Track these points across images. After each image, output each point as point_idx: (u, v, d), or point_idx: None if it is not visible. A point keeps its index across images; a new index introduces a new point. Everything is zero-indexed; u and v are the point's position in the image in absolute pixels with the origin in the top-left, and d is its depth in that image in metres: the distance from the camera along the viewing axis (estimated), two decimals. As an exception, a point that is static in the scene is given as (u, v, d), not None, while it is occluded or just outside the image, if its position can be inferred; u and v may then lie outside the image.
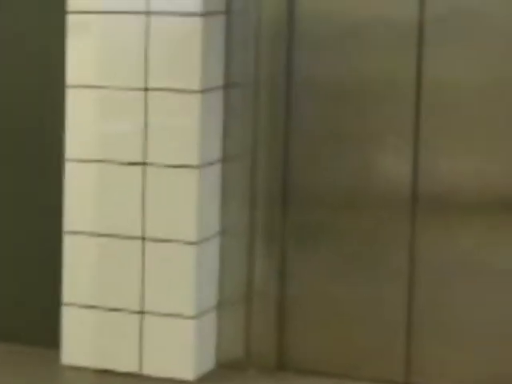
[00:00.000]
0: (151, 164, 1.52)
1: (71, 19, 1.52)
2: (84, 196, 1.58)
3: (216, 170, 1.57)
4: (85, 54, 1.53)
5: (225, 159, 1.58)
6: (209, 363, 1.63)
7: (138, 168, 1.54)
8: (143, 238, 1.54)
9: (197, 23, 1.49)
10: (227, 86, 1.56)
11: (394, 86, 1.51)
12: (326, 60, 1.53)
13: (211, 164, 1.56)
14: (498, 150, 1.46)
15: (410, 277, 1.49)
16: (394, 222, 1.50)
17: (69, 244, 1.60)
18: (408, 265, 1.49)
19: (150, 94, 1.51)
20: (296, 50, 1.53)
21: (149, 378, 1.57)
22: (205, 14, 1.50)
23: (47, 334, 1.72)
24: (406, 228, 1.49)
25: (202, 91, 1.50)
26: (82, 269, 1.58)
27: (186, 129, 1.50)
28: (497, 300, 1.45)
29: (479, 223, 1.48)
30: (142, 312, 1.55)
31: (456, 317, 1.49)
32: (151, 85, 1.51)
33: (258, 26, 1.51)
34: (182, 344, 1.54)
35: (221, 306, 1.60)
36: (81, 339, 1.61)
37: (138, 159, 1.53)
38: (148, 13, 1.50)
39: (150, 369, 1.56)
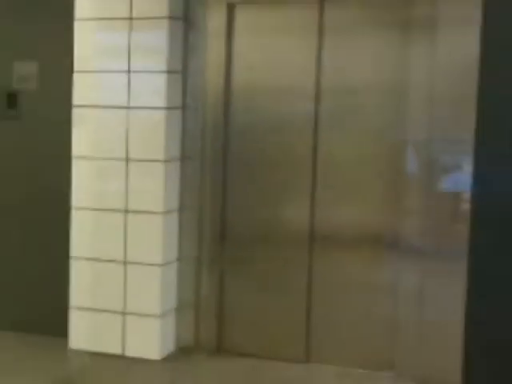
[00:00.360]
0: (130, 211, 2.20)
1: (75, 112, 2.22)
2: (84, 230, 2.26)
3: (174, 216, 2.29)
4: (84, 135, 2.22)
5: (181, 209, 2.30)
6: (170, 348, 2.32)
7: (121, 214, 2.21)
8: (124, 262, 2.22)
9: (162, 114, 2.16)
10: (183, 158, 2.28)
11: (299, 157, 2.19)
12: (251, 140, 2.23)
13: (171, 212, 2.26)
14: (368, 203, 2.13)
15: (308, 291, 2.20)
16: (297, 253, 2.21)
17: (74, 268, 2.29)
18: (307, 283, 2.18)
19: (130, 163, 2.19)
20: (230, 134, 2.27)
21: (128, 358, 2.23)
22: (168, 108, 2.17)
23: (57, 325, 2.40)
24: (306, 257, 2.19)
25: (165, 161, 2.16)
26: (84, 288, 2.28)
27: (153, 186, 2.18)
28: (370, 306, 2.12)
29: (358, 253, 2.15)
30: (124, 313, 2.22)
31: (343, 317, 2.17)
32: (130, 156, 2.19)
33: (203, 117, 2.24)
34: (150, 334, 2.22)
35: (179, 308, 2.32)
36: (82, 331, 2.30)
37: (121, 207, 2.21)
38: (128, 107, 2.17)
39: (130, 351, 2.24)
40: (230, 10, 2.26)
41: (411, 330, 2.02)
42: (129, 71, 2.19)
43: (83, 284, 2.29)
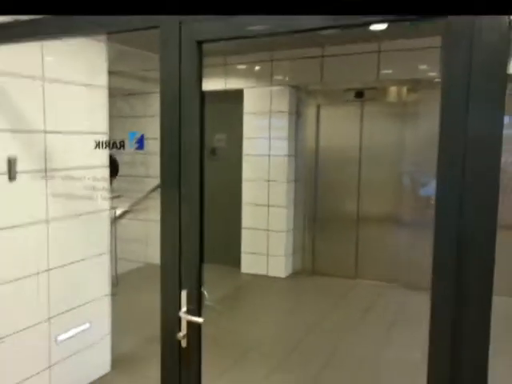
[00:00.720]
0: (270, 205, 5.10)
1: (244, 157, 4.93)
2: (248, 216, 5.41)
3: (291, 208, 4.84)
4: (247, 168, 5.23)
5: (294, 204, 4.85)
6: (289, 271, 4.85)
7: (265, 207, 5.23)
8: (267, 230, 5.28)
9: (286, 158, 4.70)
10: (295, 180, 4.79)
11: (351, 177, 4.67)
12: (327, 171, 4.79)
13: (289, 206, 4.82)
14: (385, 201, 4.67)
15: (356, 244, 4.80)
16: (351, 225, 4.66)
17: (243, 234, 5.12)
18: (356, 239, 4.70)
19: (270, 182, 5.25)
20: (318, 168, 4.82)
21: (270, 276, 4.79)
22: (288, 155, 4.71)
23: (236, 260, 5.02)
24: (355, 227, 4.67)
25: (287, 182, 4.83)
26: (248, 243, 5.26)
27: (281, 194, 5.02)
28: (387, 246, 4.62)
29: (380, 224, 4.69)
30: (267, 254, 4.91)
31: (374, 253, 4.78)
32: (270, 178, 5.27)
33: (304, 160, 4.84)
34: (280, 264, 4.84)
35: (293, 251, 4.87)
36: (246, 263, 4.94)
37: (265, 203, 5.26)
38: (269, 155, 4.92)
39: (270, 273, 4.77)
40: (318, 108, 4.80)
41: (410, 254, 4.28)
42: (269, 138, 4.71)
43: (247, 242, 4.87)
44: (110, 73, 2.80)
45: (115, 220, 3.90)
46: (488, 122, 1.10)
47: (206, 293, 1.56)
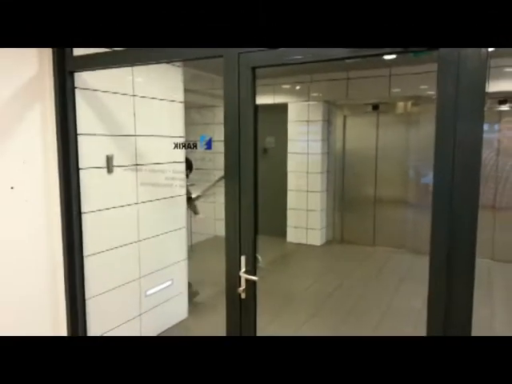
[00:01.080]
0: (308, 191, 5.68)
1: (289, 155, 5.82)
2: (292, 200, 5.84)
3: (324, 193, 5.94)
4: (291, 163, 5.76)
5: (327, 190, 6.06)
6: (324, 240, 6.04)
7: (304, 192, 5.68)
8: (307, 210, 5.71)
9: (320, 156, 5.65)
10: (327, 171, 6.12)
11: (369, 169, 5.56)
12: (352, 164, 5.96)
13: (323, 191, 5.87)
14: (396, 187, 5.39)
15: (374, 220, 5.58)
16: (369, 205, 5.89)
17: (288, 213, 5.84)
18: (373, 215, 5.55)
19: (309, 174, 5.66)
20: (345, 163, 6.14)
21: (308, 245, 5.98)
22: (322, 153, 5.77)
23: (282, 232, 6.21)
24: (372, 207, 5.81)
25: (321, 172, 5.59)
26: (293, 221, 5.82)
27: (317, 182, 5.59)
28: (397, 222, 5.36)
29: (393, 205, 5.37)
30: (307, 228, 5.70)
31: (388, 227, 5.41)
32: (309, 170, 5.66)
33: (335, 157, 6.14)
34: (317, 235, 5.85)
35: (327, 225, 6.23)
36: (290, 234, 6.07)
37: (304, 189, 5.70)
38: (308, 153, 5.67)
39: (309, 241, 6.11)
40: (344, 118, 6.12)
41: (414, 227, 5.29)
42: (308, 140, 6.01)
43: (291, 218, 6.20)
44: (186, 90, 3.42)
45: (192, 202, 4.55)
46: (471, 129, 1.40)
47: (259, 257, 2.00)
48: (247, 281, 1.89)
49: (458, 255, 1.50)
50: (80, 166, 2.50)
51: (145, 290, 3.15)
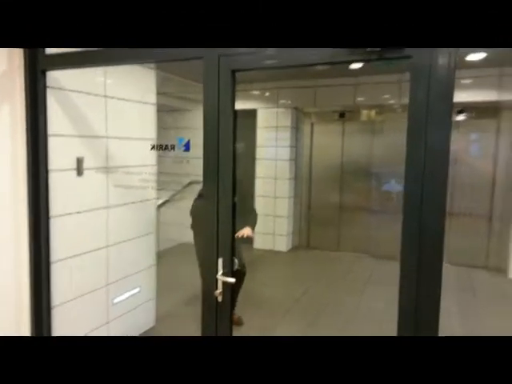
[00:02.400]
0: (276, 197, 5.75)
1: (257, 162, 5.84)
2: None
3: (292, 199, 5.88)
4: (259, 167, 5.82)
5: (294, 196, 5.99)
6: (289, 246, 6.12)
7: (272, 199, 5.75)
8: (274, 216, 5.77)
9: (288, 162, 5.75)
10: (295, 178, 6.12)
11: (335, 176, 5.71)
12: (318, 171, 5.94)
13: (291, 197, 5.87)
14: (355, 196, 5.56)
15: (339, 226, 5.68)
16: (335, 212, 5.91)
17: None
18: (338, 222, 5.67)
19: (277, 180, 5.73)
20: (312, 169, 6.14)
21: (275, 251, 6.12)
22: (290, 160, 5.81)
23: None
24: (337, 213, 5.95)
25: (289, 179, 5.66)
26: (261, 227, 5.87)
27: (285, 188, 5.67)
28: (360, 228, 5.51)
29: (357, 212, 5.52)
30: (274, 234, 5.75)
31: (352, 232, 5.56)
32: (277, 176, 5.74)
33: (302, 163, 6.20)
34: (283, 241, 5.96)
35: (293, 232, 6.28)
36: (258, 241, 5.91)
37: (272, 195, 5.76)
38: (276, 159, 5.74)
39: (276, 248, 6.18)
40: (312, 125, 6.25)
41: (376, 233, 5.44)
42: (276, 146, 6.10)
43: (258, 224, 5.85)
44: (158, 93, 3.36)
45: (158, 207, 4.42)
46: (440, 135, 1.47)
47: (236, 260, 2.02)
48: (224, 284, 1.90)
49: (426, 256, 1.56)
50: (49, 168, 2.41)
51: (112, 298, 3.05)
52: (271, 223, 6.18)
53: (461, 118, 5.45)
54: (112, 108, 2.93)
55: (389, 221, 5.57)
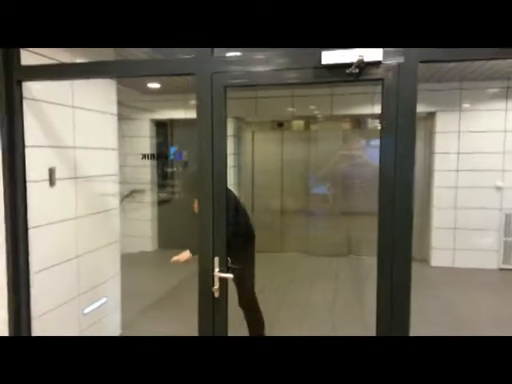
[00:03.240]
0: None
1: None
2: None
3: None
4: None
5: (238, 184, 6.03)
6: None
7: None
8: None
9: (232, 169, 5.88)
10: (238, 184, 6.10)
11: (275, 181, 6.14)
12: (257, 174, 6.18)
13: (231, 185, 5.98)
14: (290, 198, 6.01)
15: (281, 230, 6.00)
16: (277, 216, 6.40)
17: None
18: (281, 226, 6.05)
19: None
20: (253, 173, 6.27)
21: None
22: (234, 166, 5.91)
23: None
24: (279, 217, 6.34)
25: (233, 185, 5.86)
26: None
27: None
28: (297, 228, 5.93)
29: (296, 216, 6.00)
30: None
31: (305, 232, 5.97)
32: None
33: (245, 169, 6.28)
34: None
35: None
36: None
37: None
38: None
39: None
40: (253, 133, 6.60)
41: (314, 233, 5.89)
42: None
43: None
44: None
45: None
46: (407, 142, 1.79)
47: (229, 258, 2.20)
48: (220, 280, 2.08)
49: (398, 256, 1.86)
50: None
51: (82, 309, 3.07)
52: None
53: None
54: (79, 118, 2.96)
55: (323, 221, 6.10)
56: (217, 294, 2.10)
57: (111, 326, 3.48)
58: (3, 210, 2.31)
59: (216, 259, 2.10)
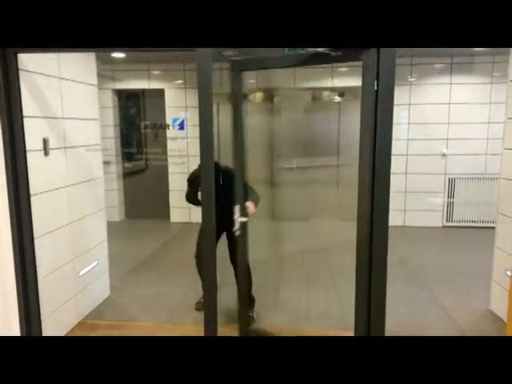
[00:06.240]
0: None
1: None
2: None
3: None
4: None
5: None
6: None
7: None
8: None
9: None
10: None
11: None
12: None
13: None
14: None
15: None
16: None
17: None
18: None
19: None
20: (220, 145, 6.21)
21: (194, 223, 6.18)
22: None
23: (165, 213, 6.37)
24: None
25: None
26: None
27: None
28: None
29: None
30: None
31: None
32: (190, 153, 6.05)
33: None
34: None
35: None
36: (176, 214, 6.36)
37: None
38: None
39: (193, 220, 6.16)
40: (218, 105, 6.63)
41: (279, 202, 6.17)
42: (186, 125, 6.09)
43: (175, 200, 6.23)
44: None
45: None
46: (385, 119, 1.97)
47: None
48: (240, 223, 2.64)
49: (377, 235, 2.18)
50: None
51: (78, 271, 3.24)
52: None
53: (341, 99, 6.48)
54: (65, 89, 3.05)
55: (289, 190, 6.43)
56: (237, 233, 2.65)
57: (102, 288, 3.69)
58: (5, 178, 2.43)
59: (237, 207, 2.62)
